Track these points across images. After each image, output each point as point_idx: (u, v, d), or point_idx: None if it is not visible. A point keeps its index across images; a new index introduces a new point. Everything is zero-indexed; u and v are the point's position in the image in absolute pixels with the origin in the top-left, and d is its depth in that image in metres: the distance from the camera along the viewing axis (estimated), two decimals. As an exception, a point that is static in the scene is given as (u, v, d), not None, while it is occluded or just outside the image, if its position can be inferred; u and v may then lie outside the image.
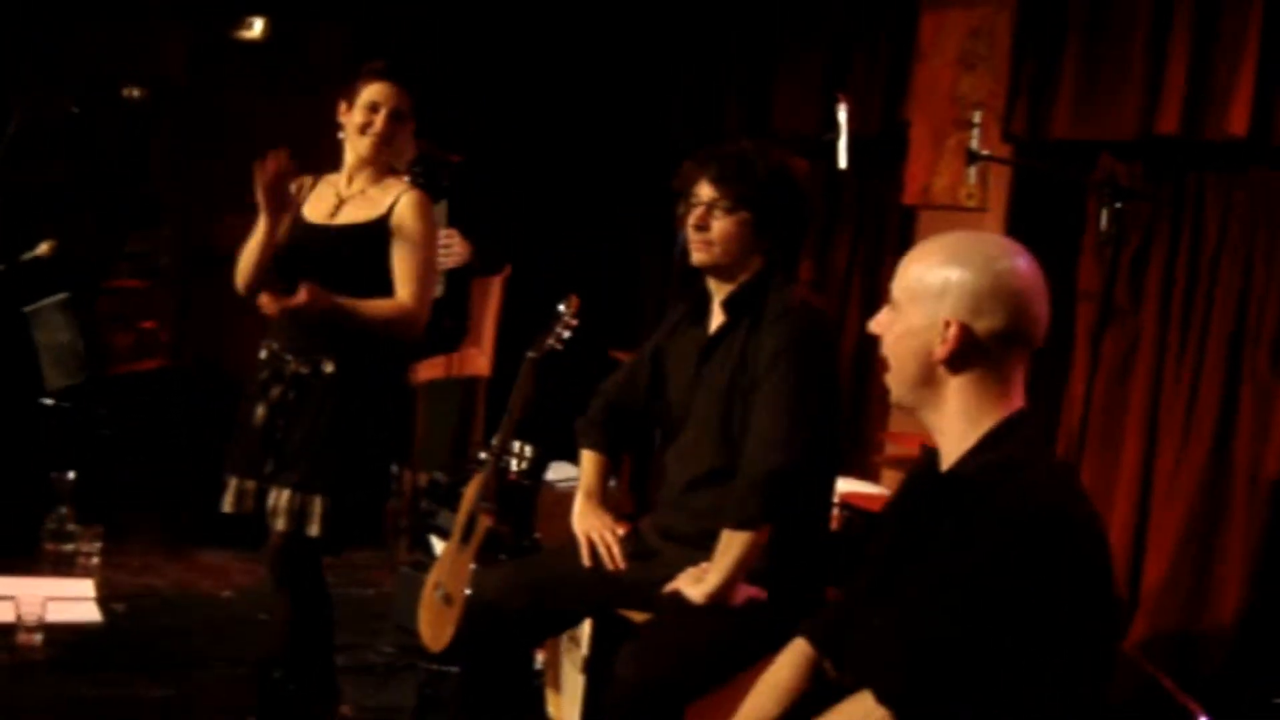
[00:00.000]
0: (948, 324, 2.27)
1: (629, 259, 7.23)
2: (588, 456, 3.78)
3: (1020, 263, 2.31)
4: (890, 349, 2.39)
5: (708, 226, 3.41)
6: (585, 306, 4.31)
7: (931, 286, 2.30)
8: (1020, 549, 2.12)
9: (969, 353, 2.28)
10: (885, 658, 2.25)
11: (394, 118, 4.05)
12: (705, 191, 3.42)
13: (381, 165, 4.12)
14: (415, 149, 5.61)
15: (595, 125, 7.35)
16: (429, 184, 5.21)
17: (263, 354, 4.04)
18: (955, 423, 2.32)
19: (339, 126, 4.11)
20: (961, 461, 2.30)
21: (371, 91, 4.05)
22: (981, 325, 2.27)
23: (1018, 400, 2.33)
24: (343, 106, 4.07)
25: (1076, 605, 2.14)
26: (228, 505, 4.06)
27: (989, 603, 2.12)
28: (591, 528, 3.61)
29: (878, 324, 2.42)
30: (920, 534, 2.28)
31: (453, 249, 5.30)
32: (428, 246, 4.02)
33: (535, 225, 6.45)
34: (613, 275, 7.17)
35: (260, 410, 3.98)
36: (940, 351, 2.29)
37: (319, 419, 3.92)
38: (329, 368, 3.94)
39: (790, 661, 2.60)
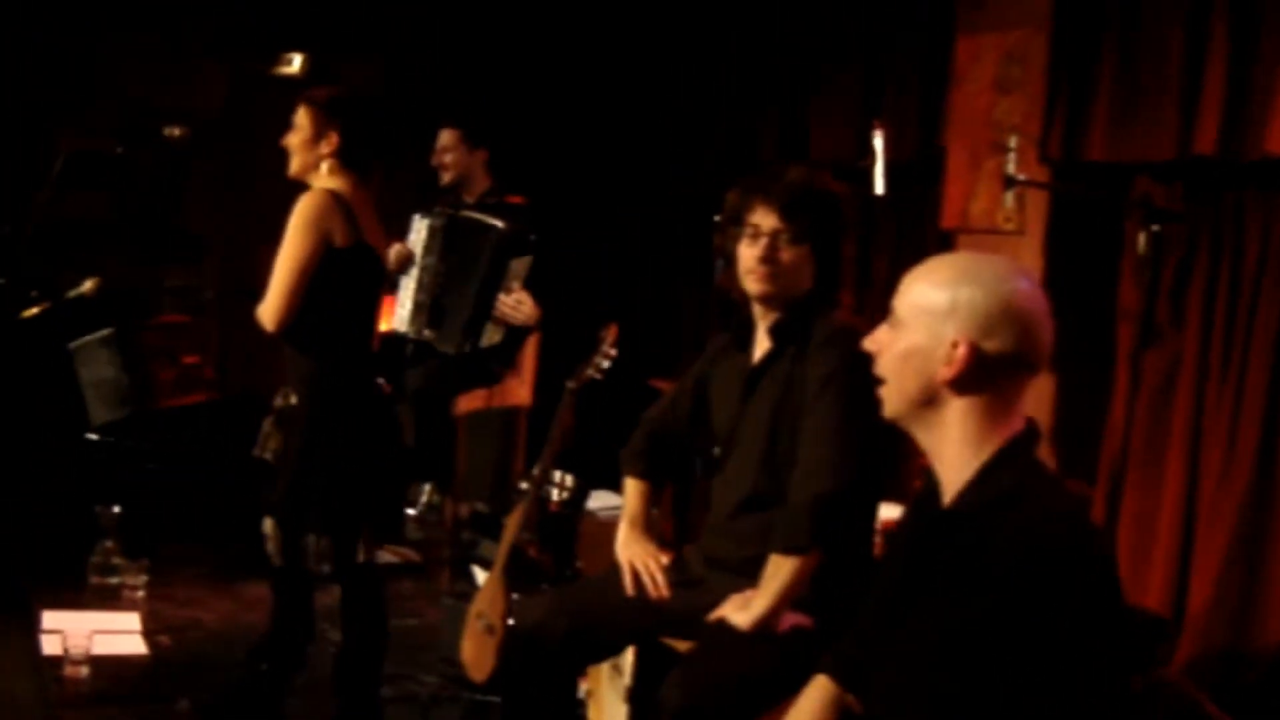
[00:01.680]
0: (956, 344, 2.25)
1: (668, 288, 7.24)
2: (631, 485, 3.78)
3: (1026, 285, 2.30)
4: (889, 366, 2.36)
5: (774, 258, 3.39)
6: (625, 336, 4.33)
7: (939, 305, 2.29)
8: (1027, 588, 2.10)
9: (976, 375, 2.26)
10: (906, 705, 2.23)
11: (291, 131, 4.07)
12: (769, 221, 3.38)
13: (314, 182, 4.09)
14: (489, 181, 5.73)
15: (633, 155, 7.38)
16: (516, 238, 5.26)
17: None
18: (956, 448, 2.30)
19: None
20: (963, 495, 2.28)
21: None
22: (990, 346, 2.26)
23: (1018, 423, 2.31)
24: None
25: (1088, 640, 2.12)
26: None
27: (1003, 645, 2.10)
28: (635, 556, 3.61)
29: (874, 341, 2.39)
30: (928, 571, 2.25)
31: (522, 309, 5.30)
32: (291, 250, 3.92)
33: (575, 255, 6.47)
34: (652, 304, 7.18)
35: (255, 447, 4.08)
36: (946, 372, 2.27)
37: (288, 449, 3.99)
38: (293, 399, 4.02)
39: (814, 698, 2.57)
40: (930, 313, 2.29)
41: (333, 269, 3.96)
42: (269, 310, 3.92)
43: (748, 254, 3.40)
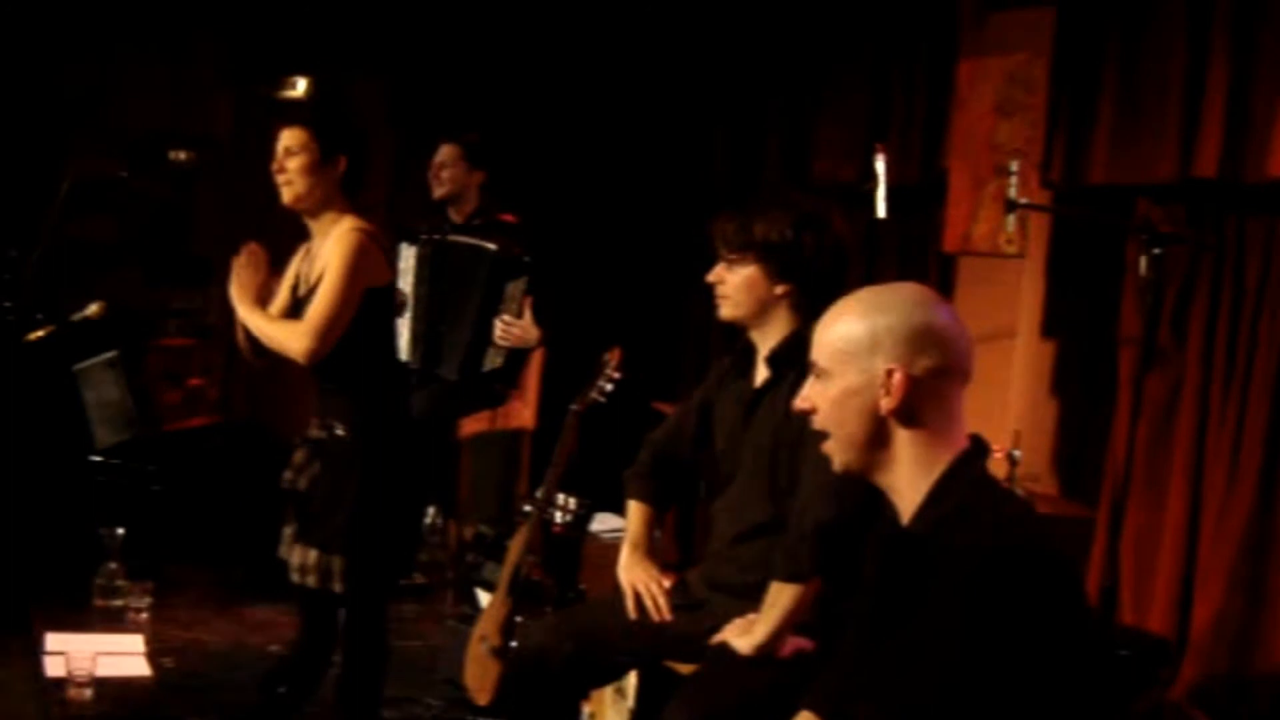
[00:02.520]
0: (890, 372, 2.28)
1: (671, 311, 7.25)
2: (634, 507, 3.79)
3: (934, 301, 2.34)
4: (829, 418, 2.37)
5: (722, 282, 3.45)
6: (628, 359, 4.34)
7: (861, 341, 2.31)
8: (986, 596, 2.11)
9: (915, 398, 2.28)
10: None
11: (285, 155, 3.97)
12: (719, 247, 3.46)
13: (318, 214, 4.03)
14: (479, 199, 5.69)
15: (637, 177, 7.39)
16: (509, 260, 5.25)
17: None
18: (909, 477, 2.31)
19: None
20: (916, 517, 2.29)
21: (281, 138, 4.00)
22: (920, 368, 2.28)
23: (961, 439, 2.33)
24: None
25: (1055, 638, 2.13)
26: (281, 552, 4.15)
27: (972, 656, 2.11)
28: (637, 579, 3.61)
29: (805, 400, 2.41)
30: (892, 595, 2.26)
31: (520, 332, 5.29)
32: (339, 291, 3.87)
33: (577, 277, 6.48)
34: (655, 327, 7.19)
35: (287, 474, 4.06)
36: (889, 403, 2.29)
37: (335, 482, 3.97)
38: (340, 431, 3.99)
39: None
40: (854, 352, 2.32)
41: (375, 307, 3.97)
42: (305, 346, 3.86)
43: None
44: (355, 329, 3.90)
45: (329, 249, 3.90)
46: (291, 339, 3.89)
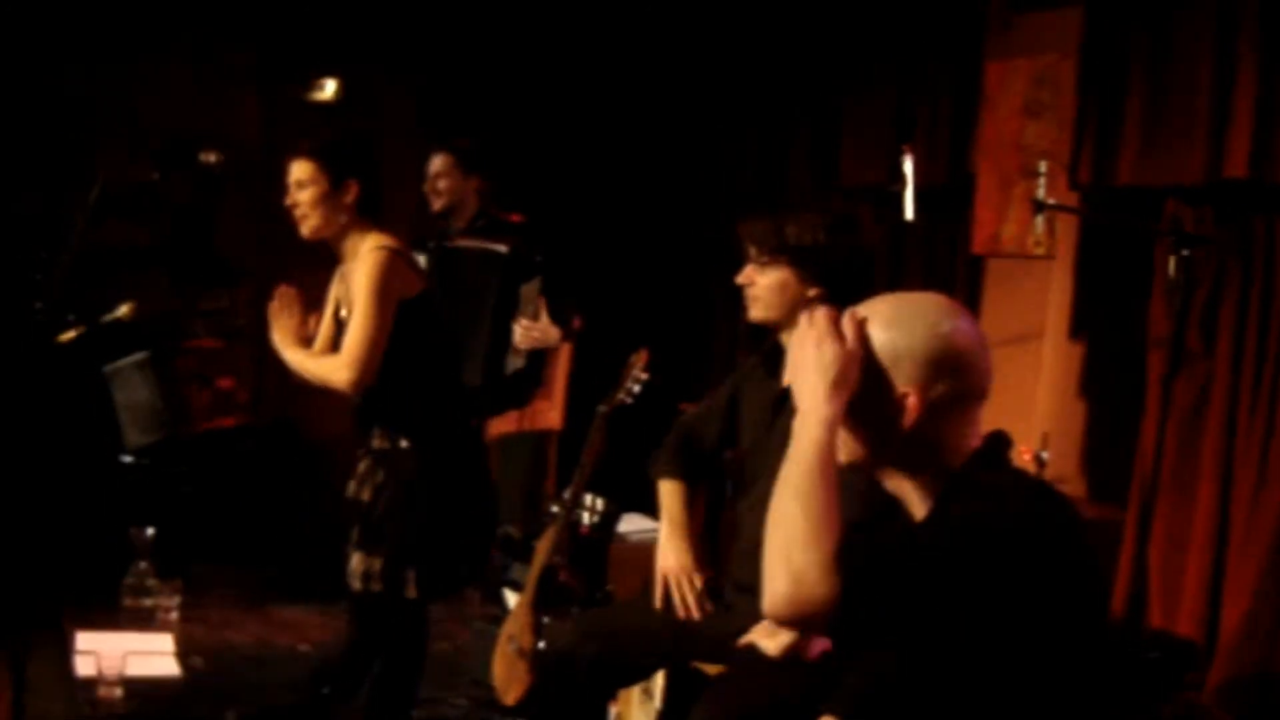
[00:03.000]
0: (905, 395, 2.26)
1: (699, 312, 7.26)
2: (667, 488, 3.76)
3: (959, 323, 2.30)
4: (845, 419, 2.34)
5: (751, 283, 3.46)
6: (656, 360, 4.34)
7: (879, 357, 2.29)
8: (1000, 573, 2.11)
9: (927, 420, 2.26)
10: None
11: (296, 189, 4.00)
12: (748, 249, 3.47)
13: (340, 240, 4.06)
14: (477, 204, 5.64)
15: (665, 179, 7.40)
16: (521, 261, 5.25)
17: (361, 423, 4.15)
18: (916, 487, 2.31)
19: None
20: (930, 515, 2.29)
21: (289, 171, 4.03)
22: (936, 392, 2.26)
23: (975, 443, 2.32)
24: None
25: (1061, 610, 2.14)
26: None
27: (986, 633, 2.11)
28: (671, 570, 3.60)
29: None
30: (908, 590, 2.26)
31: (540, 334, 5.29)
32: (370, 314, 3.89)
33: (604, 280, 6.48)
34: (683, 328, 7.20)
35: (351, 484, 4.09)
36: (903, 423, 2.27)
37: (398, 490, 3.99)
38: (404, 443, 4.01)
39: None
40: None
41: (414, 319, 3.98)
42: (347, 378, 3.88)
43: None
44: (399, 344, 3.91)
45: (357, 272, 3.92)
46: (333, 373, 3.93)
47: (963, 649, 2.12)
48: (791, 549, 2.19)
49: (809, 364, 2.29)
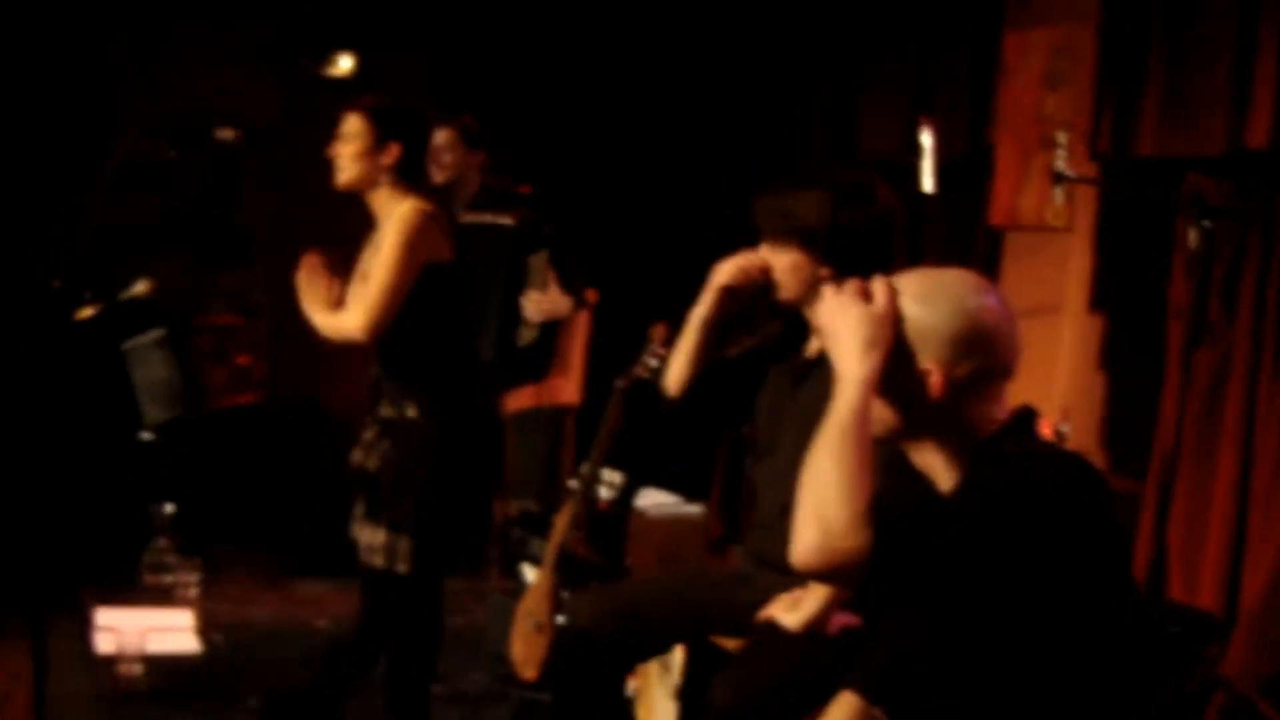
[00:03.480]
0: (929, 372, 2.27)
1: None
2: None
3: (987, 300, 2.31)
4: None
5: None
6: (674, 335, 4.33)
7: (908, 333, 2.29)
8: (1028, 546, 2.12)
9: (951, 396, 2.27)
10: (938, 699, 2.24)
11: (340, 140, 4.04)
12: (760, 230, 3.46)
13: (370, 197, 4.08)
14: (479, 180, 5.64)
15: (683, 151, 7.38)
16: (529, 234, 5.23)
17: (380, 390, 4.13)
18: (945, 460, 2.32)
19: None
20: (957, 487, 2.29)
21: (341, 121, 4.06)
22: (960, 370, 2.27)
23: (1002, 416, 2.32)
24: None
25: (1098, 580, 2.15)
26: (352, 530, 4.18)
27: (1014, 610, 2.11)
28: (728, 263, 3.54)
29: None
30: (934, 563, 2.25)
31: (549, 304, 5.27)
32: (393, 263, 3.91)
33: (623, 253, 6.47)
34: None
35: (356, 452, 4.08)
36: (926, 399, 2.28)
37: (406, 462, 3.98)
38: (411, 412, 4.01)
39: (840, 715, 2.59)
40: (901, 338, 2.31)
41: (441, 284, 3.98)
42: (364, 323, 3.90)
43: None
44: (420, 307, 3.92)
45: (388, 227, 3.93)
46: (347, 320, 3.93)
47: (988, 615, 2.12)
48: (824, 503, 2.21)
49: (839, 330, 2.30)
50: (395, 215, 3.95)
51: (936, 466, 2.33)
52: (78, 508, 5.77)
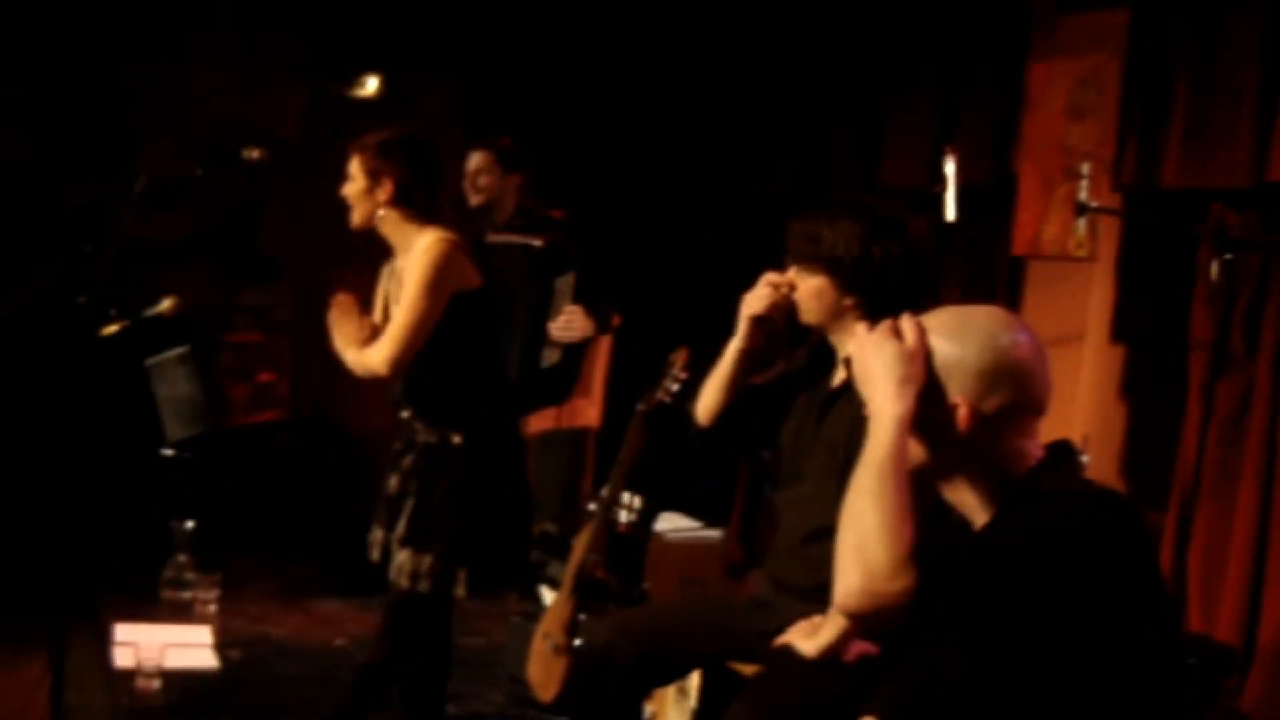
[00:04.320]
0: (956, 406, 2.26)
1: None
2: None
3: (1018, 336, 2.29)
4: None
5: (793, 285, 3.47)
6: (695, 359, 4.34)
7: (936, 368, 2.28)
8: (1060, 584, 2.10)
9: (980, 432, 2.26)
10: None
11: (346, 179, 4.05)
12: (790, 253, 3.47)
13: (390, 235, 4.08)
14: (516, 201, 5.65)
15: (707, 177, 7.40)
16: (557, 256, 5.25)
17: (403, 415, 4.13)
18: (976, 497, 2.30)
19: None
20: (992, 522, 2.28)
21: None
22: (988, 406, 2.26)
23: (1036, 453, 2.31)
24: None
25: (1121, 612, 2.12)
26: (371, 554, 4.18)
27: (1044, 648, 2.10)
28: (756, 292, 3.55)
29: None
30: (963, 599, 2.22)
31: (574, 326, 5.29)
32: (418, 301, 3.91)
33: (645, 277, 6.48)
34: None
35: (394, 479, 4.09)
36: (954, 434, 2.26)
37: (450, 488, 3.99)
38: (456, 439, 4.02)
39: None
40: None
41: (471, 311, 3.99)
42: (387, 358, 3.91)
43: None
44: (450, 334, 3.93)
45: (411, 261, 3.94)
46: (371, 355, 3.95)
47: (1019, 652, 2.11)
48: (866, 545, 2.20)
49: (873, 368, 2.29)
50: (418, 248, 3.95)
51: (970, 503, 2.31)
52: (99, 523, 5.78)
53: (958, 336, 2.29)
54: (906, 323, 2.31)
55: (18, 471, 5.70)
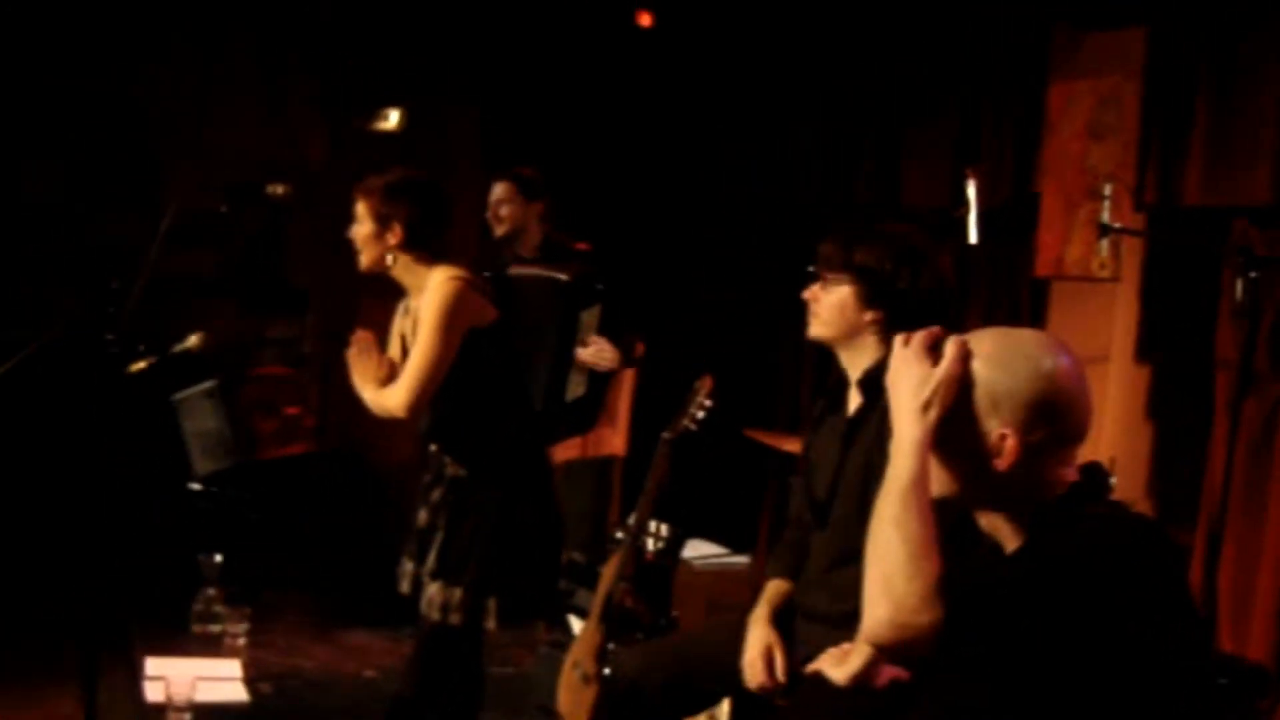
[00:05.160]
0: (1004, 437, 2.22)
1: (765, 338, 7.26)
2: (774, 585, 3.64)
3: (1062, 363, 2.26)
4: (938, 454, 2.31)
5: (814, 299, 3.46)
6: (721, 385, 4.34)
7: (980, 395, 2.25)
8: (1091, 595, 2.08)
9: (1024, 462, 2.22)
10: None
11: (354, 223, 4.04)
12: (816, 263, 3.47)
13: (401, 277, 4.07)
14: (541, 229, 5.66)
15: (729, 202, 7.42)
16: (583, 289, 5.27)
17: (431, 448, 4.14)
18: (1009, 523, 2.28)
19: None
20: (1024, 548, 2.26)
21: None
22: (1035, 435, 2.22)
23: (1070, 478, 2.28)
24: None
25: (1154, 640, 2.11)
26: (401, 586, 4.18)
27: (1079, 674, 2.09)
28: (766, 641, 3.55)
29: None
30: (991, 625, 2.19)
31: (602, 359, 5.30)
32: (431, 343, 3.89)
33: (671, 305, 6.50)
34: (749, 355, 7.20)
35: (423, 512, 4.10)
36: (1000, 464, 2.23)
37: (479, 520, 4.00)
38: (484, 472, 4.02)
39: None
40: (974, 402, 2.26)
41: (489, 345, 3.99)
42: (403, 402, 3.90)
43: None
44: (470, 370, 3.93)
45: (423, 302, 3.95)
46: (388, 399, 3.95)
47: (1058, 679, 2.09)
48: (893, 577, 2.18)
49: (899, 387, 2.28)
50: (429, 289, 3.94)
51: (1003, 529, 2.29)
52: (129, 557, 5.80)
53: (1006, 365, 2.25)
54: (951, 344, 2.27)
55: (48, 507, 5.72)
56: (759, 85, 7.20)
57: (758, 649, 3.45)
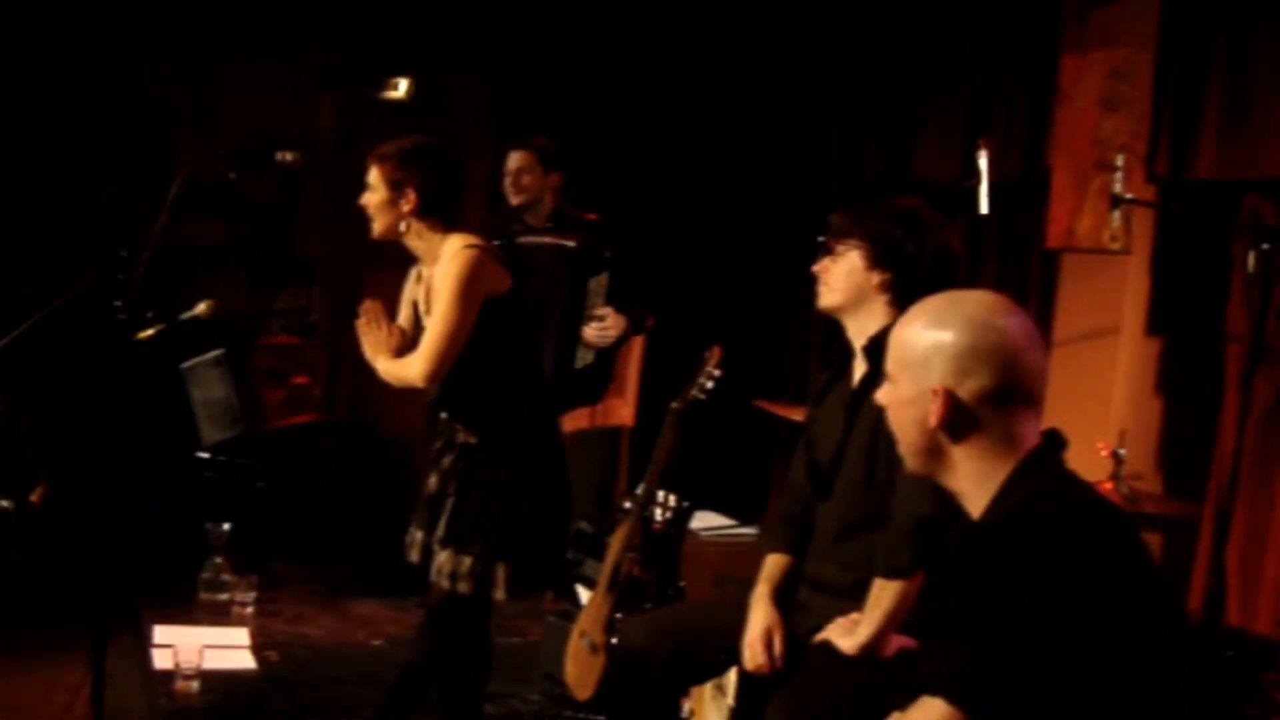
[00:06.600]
0: (935, 392, 2.24)
1: (774, 309, 7.25)
2: (772, 559, 3.64)
3: (1003, 319, 2.26)
4: (895, 423, 2.36)
5: (824, 269, 3.46)
6: (729, 356, 4.33)
7: (916, 354, 2.27)
8: (1051, 584, 2.07)
9: (960, 418, 2.24)
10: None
11: (366, 191, 4.02)
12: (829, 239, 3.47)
13: (414, 245, 4.05)
14: (553, 201, 5.66)
15: (739, 175, 7.40)
16: (590, 256, 5.26)
17: (442, 415, 4.14)
18: (972, 483, 2.28)
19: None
20: (986, 513, 2.26)
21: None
22: (968, 389, 2.23)
23: (1031, 442, 2.27)
24: None
25: (1119, 604, 2.10)
26: (410, 555, 4.18)
27: (1045, 645, 2.07)
28: (766, 623, 3.56)
29: (882, 395, 2.40)
30: (963, 589, 2.21)
31: (610, 328, 5.30)
32: (450, 311, 3.87)
33: (678, 275, 6.48)
34: (757, 324, 7.19)
35: (434, 478, 4.09)
36: (932, 420, 2.25)
37: (489, 488, 3.99)
38: (494, 440, 4.02)
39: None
40: (911, 364, 2.29)
41: (504, 315, 3.97)
42: (424, 372, 3.89)
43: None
44: (484, 339, 3.92)
45: (440, 270, 3.93)
46: (408, 368, 3.94)
47: (1034, 655, 2.09)
48: None
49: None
50: (446, 257, 3.93)
51: (967, 492, 2.30)
52: (136, 526, 5.81)
53: (940, 321, 2.27)
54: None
55: (55, 476, 5.73)
56: (772, 57, 7.17)
57: (757, 630, 3.45)
